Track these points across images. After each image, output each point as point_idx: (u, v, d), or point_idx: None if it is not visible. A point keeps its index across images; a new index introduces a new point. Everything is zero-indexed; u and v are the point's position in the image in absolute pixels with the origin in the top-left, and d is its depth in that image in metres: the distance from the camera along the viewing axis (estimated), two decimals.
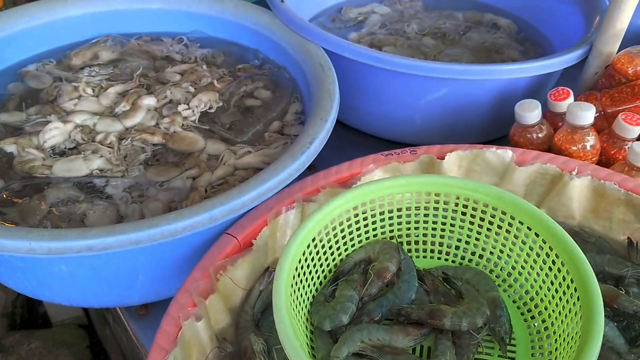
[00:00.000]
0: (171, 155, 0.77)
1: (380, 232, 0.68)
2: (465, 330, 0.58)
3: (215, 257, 0.63)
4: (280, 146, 0.78)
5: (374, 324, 0.59)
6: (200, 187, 0.72)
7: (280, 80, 0.90)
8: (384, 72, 0.84)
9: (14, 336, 1.46)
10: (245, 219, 0.67)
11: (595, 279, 0.54)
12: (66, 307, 1.51)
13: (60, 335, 1.49)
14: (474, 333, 0.58)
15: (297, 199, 0.69)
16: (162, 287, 0.70)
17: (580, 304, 0.54)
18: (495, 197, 0.63)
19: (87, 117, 0.81)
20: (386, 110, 0.91)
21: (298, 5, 1.02)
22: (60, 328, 1.52)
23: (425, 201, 0.67)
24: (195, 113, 0.82)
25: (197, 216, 0.60)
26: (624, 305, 0.61)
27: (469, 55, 1.04)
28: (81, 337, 1.50)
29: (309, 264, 0.61)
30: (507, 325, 0.59)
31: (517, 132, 0.81)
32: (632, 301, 0.61)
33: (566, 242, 0.57)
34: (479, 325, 0.58)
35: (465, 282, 0.65)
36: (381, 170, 0.74)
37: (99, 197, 0.71)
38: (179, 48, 0.96)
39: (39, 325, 1.56)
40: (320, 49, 0.85)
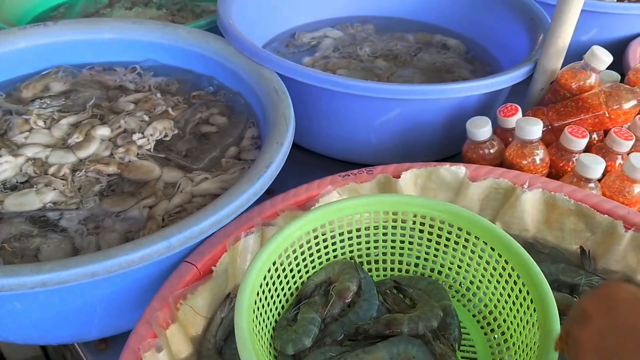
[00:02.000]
0: (127, 185, 0.76)
1: (340, 253, 0.68)
2: (422, 333, 0.59)
3: (175, 286, 0.62)
4: (238, 171, 0.78)
5: (337, 346, 0.60)
6: (157, 216, 0.71)
7: (236, 106, 0.90)
8: (338, 95, 0.85)
9: None
10: (203, 246, 0.66)
11: (550, 291, 0.55)
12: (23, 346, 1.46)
13: None
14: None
15: (256, 223, 0.69)
16: (121, 320, 0.69)
17: (537, 315, 0.55)
18: (452, 214, 0.64)
19: (39, 149, 0.79)
20: (342, 132, 0.92)
21: (251, 31, 1.03)
22: None
23: (384, 220, 0.67)
24: (151, 141, 0.82)
25: (154, 245, 0.59)
26: None
27: (421, 75, 1.07)
28: None
29: (270, 288, 0.61)
30: (456, 333, 0.61)
31: (470, 149, 0.83)
32: None
33: (520, 255, 0.59)
34: (435, 326, 0.60)
35: (418, 290, 0.66)
36: (339, 191, 0.74)
37: (53, 230, 0.70)
38: (132, 77, 0.96)
39: None
40: (274, 74, 0.86)
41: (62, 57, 0.96)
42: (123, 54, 0.98)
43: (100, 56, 0.98)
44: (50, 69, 0.95)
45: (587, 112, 0.82)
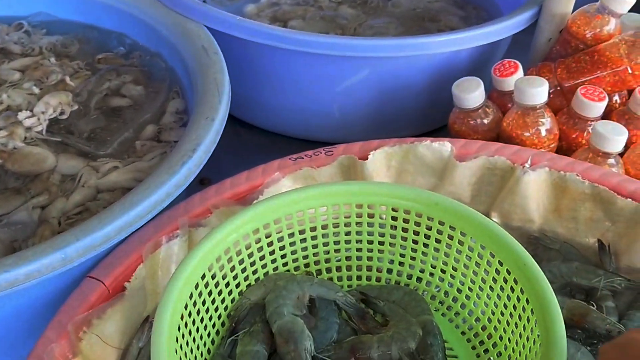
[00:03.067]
0: (12, 180, 0.75)
1: (291, 259, 0.68)
2: (397, 358, 0.60)
3: (75, 310, 0.62)
4: (158, 157, 0.77)
5: None
6: (51, 219, 0.70)
7: (154, 71, 0.89)
8: (287, 54, 0.84)
9: None
10: (112, 257, 0.66)
11: (554, 298, 0.56)
12: None
13: None
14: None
15: (181, 225, 0.68)
16: (11, 356, 0.68)
17: (538, 329, 0.56)
18: (429, 204, 0.65)
19: None
20: (294, 102, 0.92)
21: None
22: None
23: (346, 215, 0.68)
24: (42, 121, 0.81)
25: (45, 258, 0.59)
26: (595, 323, 0.63)
27: (397, 25, 1.07)
28: None
29: (199, 309, 0.61)
30: (439, 356, 0.61)
31: (458, 119, 0.84)
32: (604, 318, 0.64)
33: (517, 254, 0.59)
34: (412, 348, 0.60)
35: (391, 304, 0.66)
36: (289, 178, 0.74)
37: None
38: (17, 37, 0.94)
39: None
40: (202, 28, 0.85)
41: None
42: (5, 7, 0.97)
43: None
44: None
45: (604, 68, 0.83)
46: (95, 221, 0.62)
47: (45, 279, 0.59)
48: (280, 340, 0.61)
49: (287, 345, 0.60)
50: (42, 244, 0.60)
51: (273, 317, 0.62)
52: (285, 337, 0.61)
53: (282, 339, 0.61)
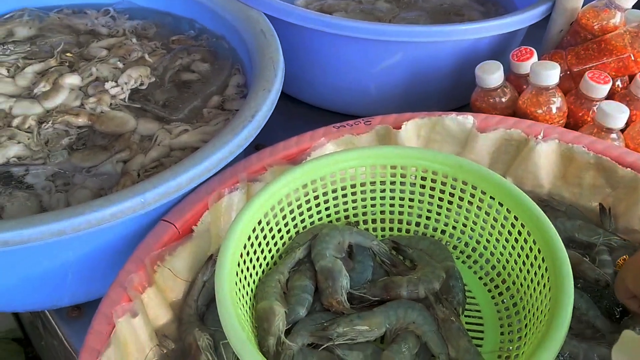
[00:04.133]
0: (99, 138, 0.75)
1: (333, 211, 0.68)
2: (424, 296, 0.58)
3: (151, 247, 0.62)
4: (221, 122, 0.77)
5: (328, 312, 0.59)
6: (132, 171, 0.70)
7: (219, 51, 0.89)
8: (332, 38, 0.83)
9: None
10: (183, 204, 0.65)
11: (564, 248, 0.54)
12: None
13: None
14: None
15: (241, 179, 0.68)
16: (94, 285, 0.69)
17: (548, 274, 0.54)
18: (455, 166, 0.63)
19: (2, 100, 0.78)
20: (337, 81, 0.91)
21: None
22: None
23: (381, 175, 0.66)
24: (125, 90, 0.80)
25: (127, 201, 0.58)
26: (585, 273, 0.62)
27: (427, 18, 1.05)
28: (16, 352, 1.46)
29: (255, 249, 0.60)
30: (460, 296, 0.60)
31: (479, 97, 0.82)
32: (593, 268, 0.62)
33: (531, 209, 0.58)
34: (437, 288, 0.59)
35: (419, 251, 0.65)
36: (333, 143, 0.73)
37: (17, 187, 0.69)
38: (105, 21, 0.94)
39: None
40: (261, 15, 0.84)
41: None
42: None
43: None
44: (14, 11, 0.93)
45: (610, 55, 0.80)
46: (169, 172, 0.61)
47: (127, 220, 0.59)
48: (321, 278, 0.60)
49: (326, 281, 0.60)
50: (124, 189, 0.60)
51: (317, 258, 0.62)
52: (325, 275, 0.60)
53: (323, 276, 0.60)
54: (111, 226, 0.59)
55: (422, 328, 0.56)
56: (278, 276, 0.61)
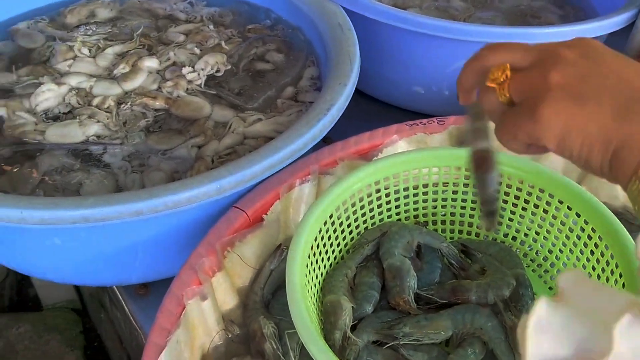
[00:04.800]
0: (174, 122, 0.76)
1: (403, 210, 0.67)
2: (493, 302, 0.57)
3: (222, 233, 0.62)
4: (294, 114, 0.77)
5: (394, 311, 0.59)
6: (206, 156, 0.71)
7: (295, 42, 0.89)
8: (410, 35, 0.82)
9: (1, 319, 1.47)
10: (255, 192, 0.66)
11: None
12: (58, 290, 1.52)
13: (52, 319, 1.50)
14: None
15: (312, 171, 0.68)
16: (163, 265, 0.70)
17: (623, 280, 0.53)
18: (532, 173, 0.62)
19: (83, 79, 0.80)
20: (410, 78, 0.90)
21: None
22: (52, 312, 1.53)
23: (454, 177, 0.66)
24: (201, 76, 0.81)
25: (204, 186, 0.59)
26: None
27: (502, 19, 1.02)
28: (74, 321, 1.51)
29: (325, 243, 0.60)
30: (529, 305, 0.59)
31: None
32: None
33: (611, 223, 0.56)
34: (506, 295, 0.58)
35: (488, 256, 0.64)
36: (405, 141, 0.72)
37: (95, 165, 0.70)
38: (183, 6, 0.95)
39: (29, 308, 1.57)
40: (339, 8, 0.84)
41: None
42: None
43: None
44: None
45: None
46: (245, 161, 0.61)
47: (201, 205, 0.60)
48: (389, 275, 0.60)
49: (394, 280, 0.59)
50: (201, 175, 0.60)
51: (385, 255, 0.61)
52: (393, 273, 0.60)
53: (391, 274, 0.60)
54: (185, 210, 0.59)
55: (490, 335, 0.55)
56: (345, 271, 0.61)
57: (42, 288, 1.54)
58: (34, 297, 1.58)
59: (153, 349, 0.54)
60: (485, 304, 0.58)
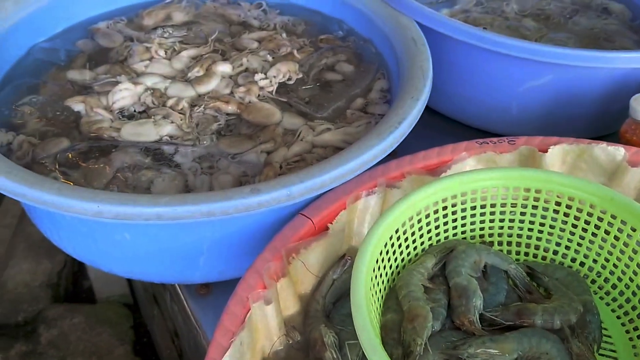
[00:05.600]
0: (245, 127, 0.77)
1: (469, 228, 0.67)
2: (559, 327, 0.57)
3: (288, 239, 0.63)
4: (363, 125, 0.77)
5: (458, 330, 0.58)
6: (274, 162, 0.72)
7: (365, 54, 0.89)
8: (482, 52, 0.82)
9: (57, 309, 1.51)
10: (321, 201, 0.66)
11: None
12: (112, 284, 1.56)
13: (104, 312, 1.54)
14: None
15: (379, 184, 0.68)
16: (226, 267, 0.71)
17: None
18: (605, 198, 0.61)
19: (159, 80, 0.82)
20: (479, 95, 0.89)
21: None
22: (105, 305, 1.57)
23: (523, 198, 0.65)
24: (273, 84, 0.82)
25: (274, 192, 0.60)
26: None
27: (576, 41, 1.01)
28: (125, 316, 1.54)
29: (390, 257, 0.61)
30: (596, 333, 0.58)
31: (630, 129, 0.78)
32: None
33: None
34: (573, 321, 0.57)
35: (555, 280, 0.63)
36: (474, 159, 0.72)
37: (167, 165, 0.72)
38: (257, 14, 0.97)
39: (83, 300, 1.62)
40: (412, 23, 0.84)
41: None
42: None
43: None
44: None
45: None
46: (316, 169, 0.62)
47: (269, 210, 0.61)
48: (455, 295, 0.60)
49: (459, 299, 0.59)
50: (272, 181, 0.61)
51: (451, 274, 0.61)
52: (459, 293, 0.60)
53: (457, 293, 0.60)
54: (253, 213, 0.61)
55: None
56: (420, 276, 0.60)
57: (97, 281, 1.59)
58: (88, 289, 1.62)
59: (217, 350, 0.55)
60: (551, 328, 0.57)
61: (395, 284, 0.61)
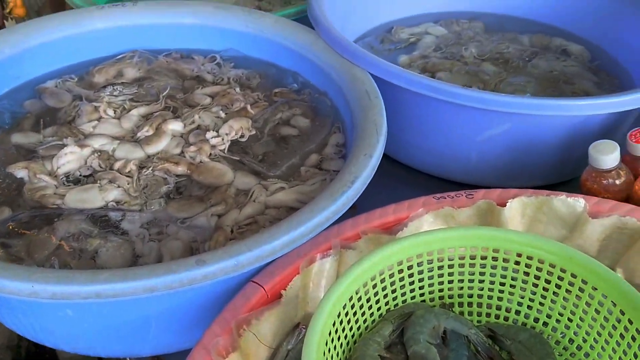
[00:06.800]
0: (196, 188, 0.75)
1: (427, 290, 0.64)
2: None
3: (238, 309, 0.61)
4: (318, 183, 0.75)
5: None
6: (225, 226, 0.70)
7: (321, 107, 0.88)
8: (438, 103, 0.81)
9: None
10: (274, 266, 0.64)
11: None
12: None
13: None
14: None
15: (334, 245, 0.66)
16: (176, 338, 0.68)
17: None
18: (564, 257, 0.59)
19: (106, 141, 0.80)
20: (438, 145, 0.88)
21: (344, 22, 1.00)
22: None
23: (482, 257, 0.63)
24: (225, 141, 0.81)
25: (221, 263, 0.58)
26: None
27: (535, 85, 1.01)
28: None
29: (344, 326, 0.58)
30: None
31: (591, 177, 0.77)
32: None
33: None
34: None
35: (517, 343, 0.61)
36: (432, 215, 0.70)
37: (113, 232, 0.70)
38: (210, 67, 0.95)
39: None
40: (367, 75, 0.83)
41: (139, 41, 0.97)
42: (203, 42, 0.98)
43: (179, 42, 0.98)
44: (126, 53, 0.96)
45: None
46: (265, 235, 0.60)
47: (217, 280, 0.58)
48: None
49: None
50: (219, 250, 0.59)
51: (410, 342, 0.59)
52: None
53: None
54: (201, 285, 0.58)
55: None
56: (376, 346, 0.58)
57: None
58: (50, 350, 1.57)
59: None
60: None
61: (351, 356, 0.58)
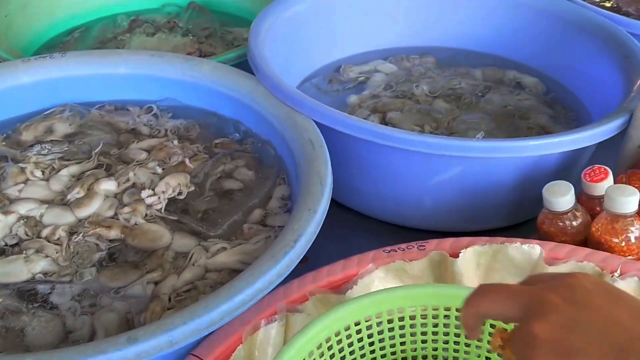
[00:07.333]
0: (131, 254, 0.74)
1: (378, 347, 0.64)
2: None
3: None
4: (262, 241, 0.75)
5: None
6: (162, 295, 0.69)
7: (265, 157, 0.88)
8: (386, 148, 0.81)
9: None
10: (214, 336, 0.63)
11: None
12: None
13: None
14: None
15: (279, 309, 0.65)
16: None
17: None
18: None
19: (34, 206, 0.79)
20: (389, 191, 0.89)
21: (289, 63, 1.01)
22: None
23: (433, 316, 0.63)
24: (162, 200, 0.80)
25: (154, 339, 0.57)
26: None
27: (489, 121, 1.02)
28: None
29: None
30: None
31: (547, 220, 0.78)
32: None
33: None
34: None
35: None
36: (382, 270, 0.70)
37: (42, 307, 0.69)
38: (147, 119, 0.95)
39: None
40: (310, 122, 0.83)
41: (70, 93, 0.96)
42: (138, 92, 0.98)
43: (113, 93, 0.98)
44: (56, 107, 0.95)
45: None
46: (201, 306, 0.59)
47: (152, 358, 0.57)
48: None
49: None
50: (151, 325, 0.58)
51: None
52: None
53: None
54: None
55: None
56: None
57: None
58: None
59: None
60: None
61: None
